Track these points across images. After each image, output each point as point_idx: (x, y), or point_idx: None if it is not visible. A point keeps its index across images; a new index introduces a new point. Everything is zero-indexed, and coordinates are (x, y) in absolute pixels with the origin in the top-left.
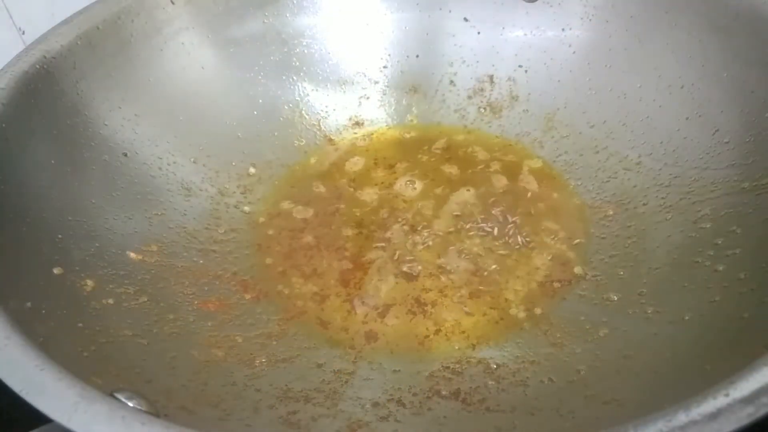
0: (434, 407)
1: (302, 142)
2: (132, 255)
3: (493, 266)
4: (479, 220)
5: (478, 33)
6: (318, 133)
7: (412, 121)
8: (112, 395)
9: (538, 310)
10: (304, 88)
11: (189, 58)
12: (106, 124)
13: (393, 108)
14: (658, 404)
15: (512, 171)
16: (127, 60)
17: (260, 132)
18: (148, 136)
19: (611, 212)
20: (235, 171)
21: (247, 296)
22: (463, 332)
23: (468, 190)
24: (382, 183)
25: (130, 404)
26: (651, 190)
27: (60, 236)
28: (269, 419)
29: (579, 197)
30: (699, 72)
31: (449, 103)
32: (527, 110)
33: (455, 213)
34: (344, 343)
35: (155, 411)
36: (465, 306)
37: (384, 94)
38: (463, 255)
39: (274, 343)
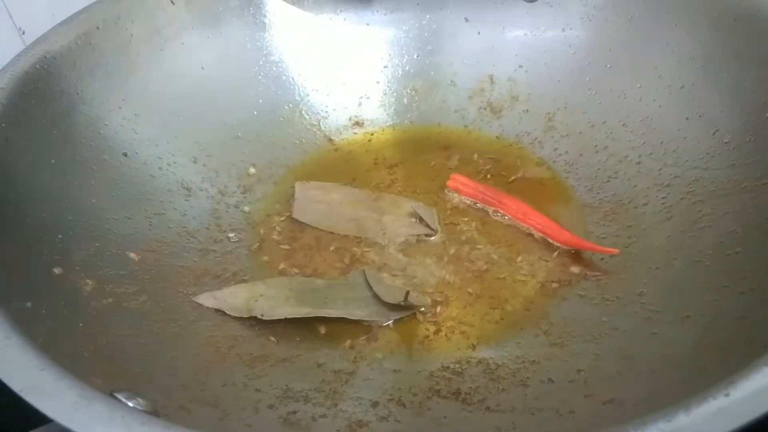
0: (434, 407)
1: (302, 142)
2: (132, 255)
3: (494, 266)
4: (480, 220)
5: (478, 33)
6: (318, 133)
7: (412, 121)
8: (112, 395)
9: (538, 310)
10: (304, 88)
11: (189, 58)
12: (106, 124)
13: (393, 108)
14: (658, 404)
15: (512, 171)
16: (127, 60)
17: (260, 132)
18: (148, 136)
19: (611, 212)
20: (235, 171)
21: None
22: (463, 332)
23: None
24: (382, 183)
25: (130, 404)
26: (651, 190)
27: (60, 236)
28: (269, 419)
29: (579, 197)
30: (699, 72)
31: (449, 103)
32: (527, 110)
33: (455, 212)
34: (344, 343)
35: (155, 411)
36: (465, 306)
37: (384, 94)
38: (463, 254)
39: (274, 343)
